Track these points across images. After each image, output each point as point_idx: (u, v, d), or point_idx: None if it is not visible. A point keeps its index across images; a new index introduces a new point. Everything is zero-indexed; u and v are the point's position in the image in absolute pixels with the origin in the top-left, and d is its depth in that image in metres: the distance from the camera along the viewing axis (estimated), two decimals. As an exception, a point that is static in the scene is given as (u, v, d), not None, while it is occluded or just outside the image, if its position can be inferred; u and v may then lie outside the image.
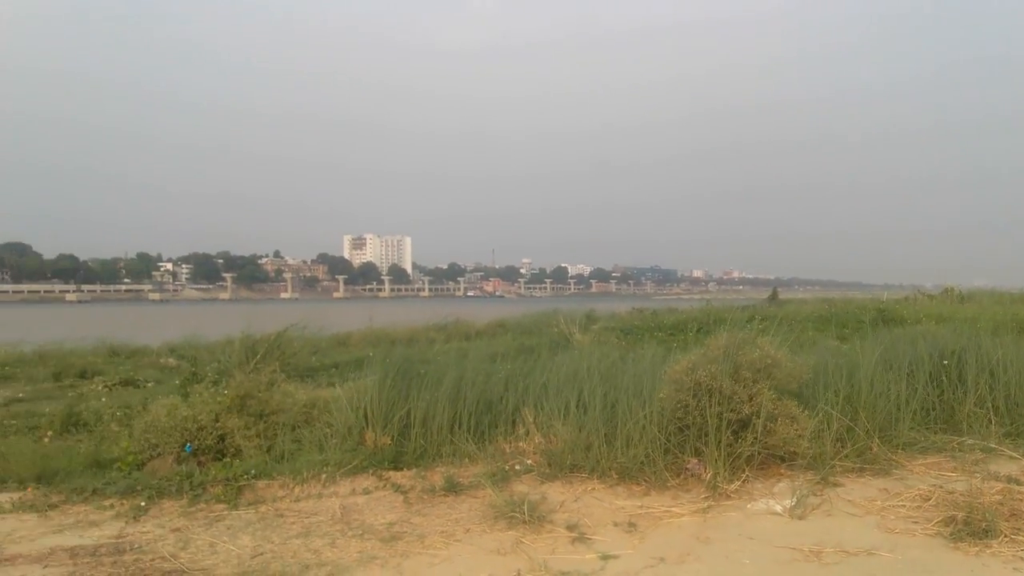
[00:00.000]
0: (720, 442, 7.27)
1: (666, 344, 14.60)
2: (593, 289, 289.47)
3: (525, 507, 6.31)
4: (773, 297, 40.10)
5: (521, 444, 8.34)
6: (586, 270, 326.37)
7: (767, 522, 6.31)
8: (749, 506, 6.66)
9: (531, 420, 8.52)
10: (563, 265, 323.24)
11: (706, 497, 6.81)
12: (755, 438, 7.37)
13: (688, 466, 7.36)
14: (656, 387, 7.95)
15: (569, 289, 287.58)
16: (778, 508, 6.60)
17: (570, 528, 6.13)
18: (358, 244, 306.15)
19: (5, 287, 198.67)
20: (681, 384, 7.73)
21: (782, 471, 7.50)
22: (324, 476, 7.34)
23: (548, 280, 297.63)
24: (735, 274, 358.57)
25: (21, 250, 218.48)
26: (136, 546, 5.69)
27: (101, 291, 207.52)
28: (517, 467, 7.67)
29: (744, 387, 7.57)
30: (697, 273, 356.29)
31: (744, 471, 7.23)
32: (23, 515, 6.57)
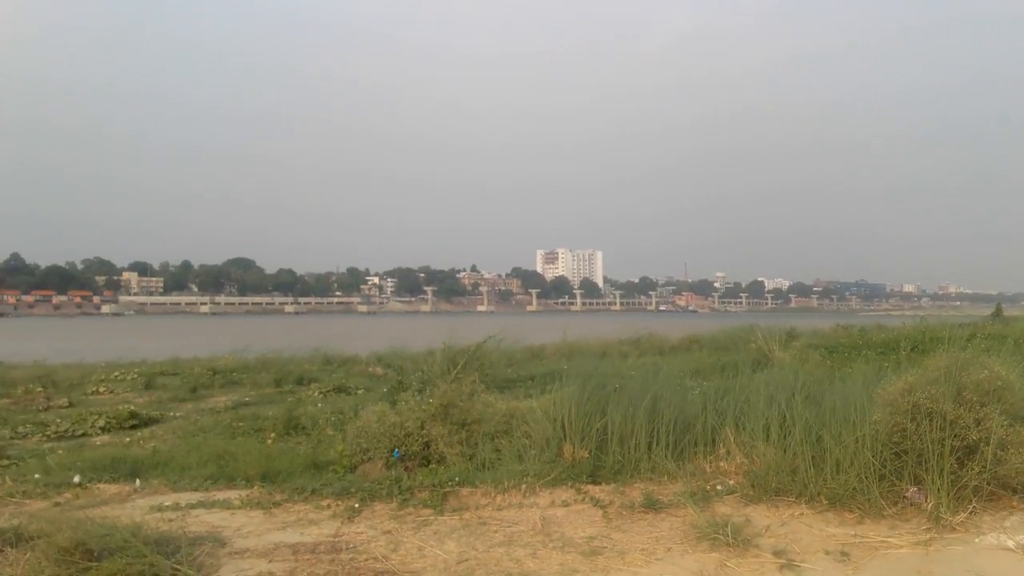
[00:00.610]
0: (943, 470, 6.74)
1: (876, 363, 13.76)
2: (792, 304, 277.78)
3: (728, 529, 6.12)
4: (997, 313, 36.76)
5: (722, 464, 8.12)
6: (784, 284, 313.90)
7: (998, 559, 5.78)
8: (977, 540, 6.13)
9: (732, 440, 8.28)
10: (759, 279, 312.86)
11: (927, 528, 6.33)
12: (983, 467, 6.78)
13: (907, 494, 6.87)
14: (868, 409, 7.49)
15: (766, 304, 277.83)
16: (1010, 544, 6.04)
17: (777, 554, 5.89)
18: (550, 258, 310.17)
19: (232, 299, 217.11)
20: (897, 407, 7.24)
21: (1014, 503, 6.86)
22: (524, 486, 7.45)
23: (743, 295, 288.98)
24: (951, 289, 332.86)
25: (246, 265, 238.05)
26: (351, 546, 6.01)
27: (316, 303, 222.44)
28: (719, 487, 7.46)
29: (970, 411, 6.99)
30: (908, 288, 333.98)
31: (971, 502, 6.67)
32: (250, 511, 7.12)
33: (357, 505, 7.08)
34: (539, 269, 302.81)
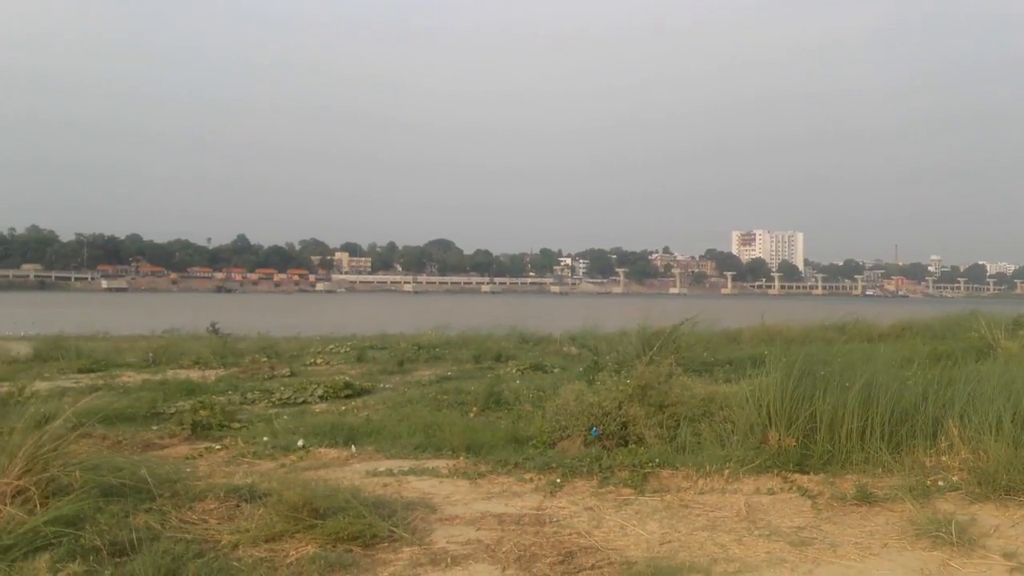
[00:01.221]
0: None
1: None
2: (1018, 290, 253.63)
3: (952, 527, 5.71)
4: None
5: (943, 459, 7.58)
6: (1009, 268, 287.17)
7: None
8: None
9: (956, 433, 7.71)
10: (980, 263, 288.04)
11: None
12: None
13: None
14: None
15: (987, 289, 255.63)
16: None
17: (1007, 556, 5.44)
18: (747, 240, 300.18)
19: (432, 278, 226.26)
20: None
21: None
22: (727, 472, 7.30)
23: (961, 279, 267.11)
24: None
25: (446, 246, 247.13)
26: (554, 519, 6.14)
27: (510, 283, 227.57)
28: (940, 483, 6.98)
29: None
30: None
31: None
32: (457, 481, 7.41)
33: (559, 480, 7.20)
34: (734, 251, 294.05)
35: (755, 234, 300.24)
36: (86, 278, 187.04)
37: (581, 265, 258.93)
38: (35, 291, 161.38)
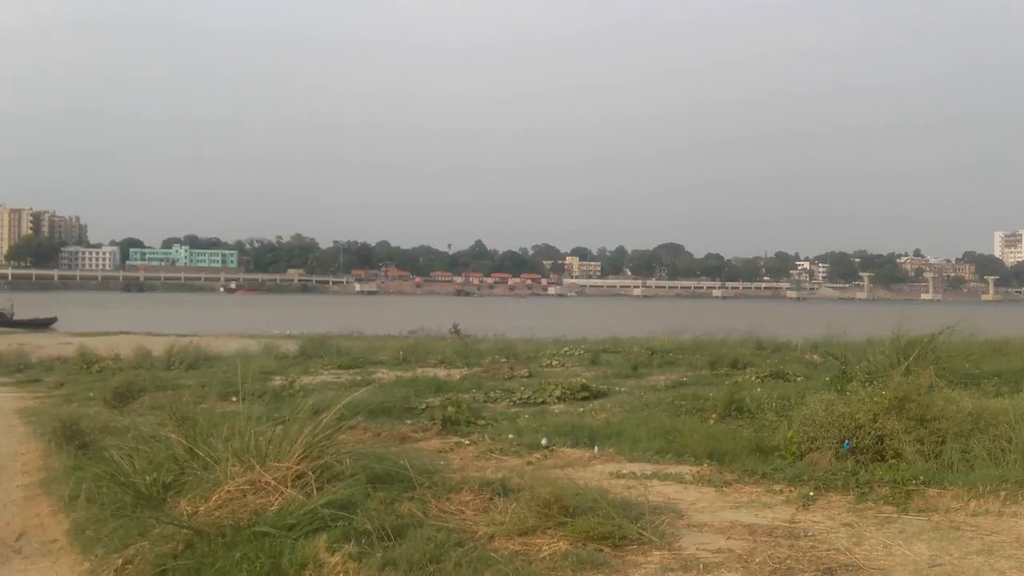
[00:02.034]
0: None
1: None
2: None
3: None
4: None
5: None
6: None
7: None
8: None
9: None
10: None
11: None
12: None
13: None
14: None
15: None
16: None
17: None
18: (1011, 241, 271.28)
19: (662, 282, 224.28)
20: None
21: None
22: (1003, 494, 6.65)
23: None
24: None
25: (675, 250, 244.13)
26: (809, 533, 5.88)
27: (743, 288, 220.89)
28: None
29: None
30: None
31: None
32: (702, 488, 7.30)
33: (811, 493, 6.89)
34: (997, 253, 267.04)
35: (1021, 235, 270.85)
36: (342, 281, 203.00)
37: (820, 269, 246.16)
38: (298, 293, 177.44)
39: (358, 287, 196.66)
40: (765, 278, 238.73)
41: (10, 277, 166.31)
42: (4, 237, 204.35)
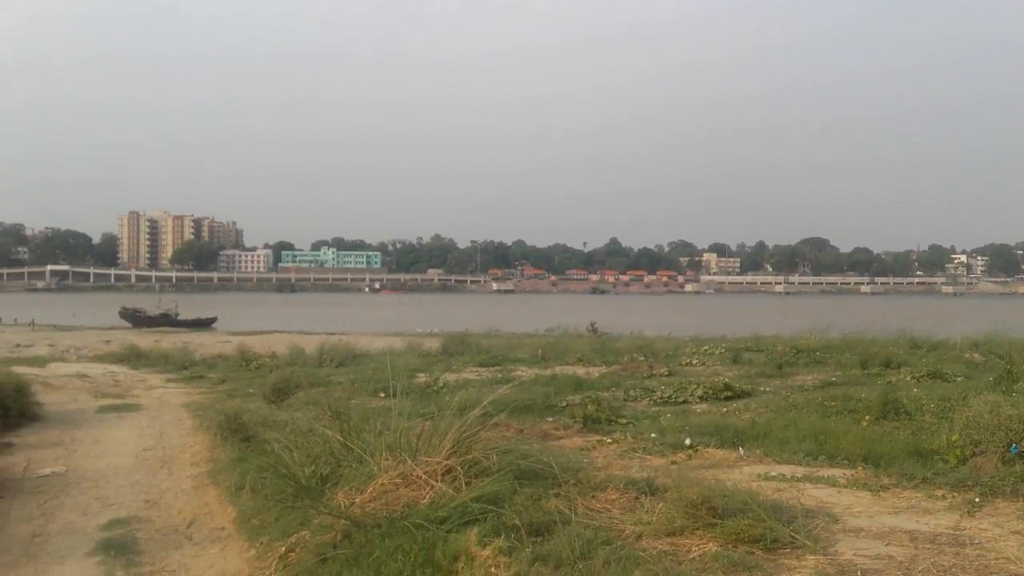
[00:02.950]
0: None
1: None
2: None
3: None
4: None
5: None
6: None
7: None
8: None
9: None
10: None
11: None
12: None
13: None
14: None
15: None
16: None
17: None
18: None
19: (805, 279, 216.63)
20: None
21: None
22: None
23: None
24: None
25: (820, 245, 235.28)
26: (975, 541, 5.56)
27: (893, 283, 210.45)
28: None
29: None
30: None
31: None
32: (856, 492, 7.02)
33: (977, 500, 6.52)
34: None
35: None
36: (479, 280, 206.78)
37: (979, 262, 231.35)
38: (438, 293, 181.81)
39: (495, 286, 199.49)
40: (918, 272, 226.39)
41: (174, 279, 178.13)
42: (169, 242, 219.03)
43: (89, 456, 11.41)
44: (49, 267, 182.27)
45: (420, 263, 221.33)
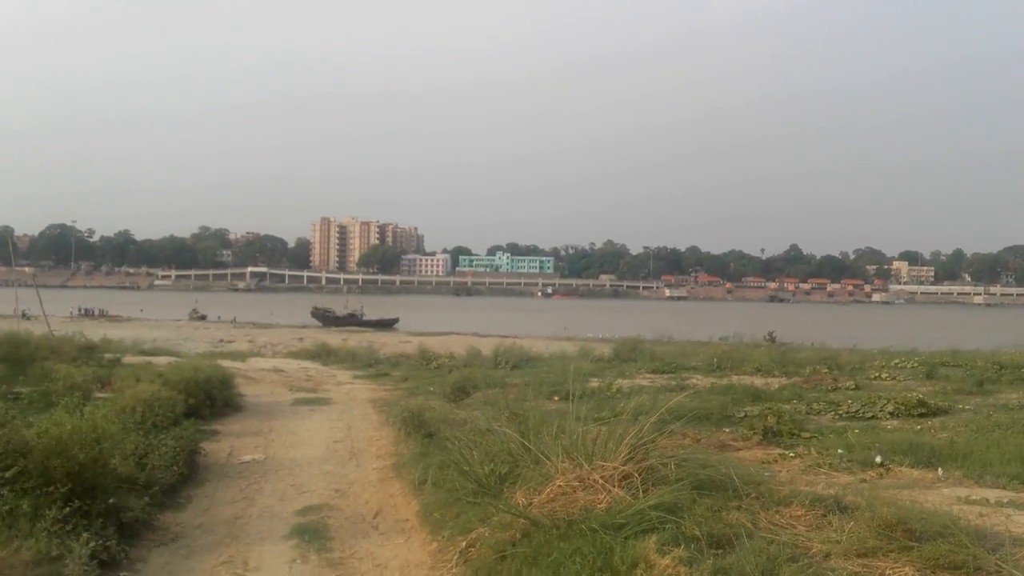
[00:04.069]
0: None
1: None
2: None
3: None
4: None
5: None
6: None
7: None
8: None
9: None
10: None
11: None
12: None
13: None
14: None
15: None
16: None
17: None
18: None
19: (1009, 289, 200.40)
20: None
21: None
22: None
23: None
24: None
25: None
26: None
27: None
28: None
29: None
30: None
31: None
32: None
33: None
34: None
35: None
36: (652, 286, 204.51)
37: None
38: (609, 298, 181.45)
39: (667, 292, 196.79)
40: None
41: (360, 282, 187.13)
42: (356, 247, 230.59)
43: (285, 445, 12.20)
44: (249, 269, 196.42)
45: (592, 268, 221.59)
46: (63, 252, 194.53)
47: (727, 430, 11.44)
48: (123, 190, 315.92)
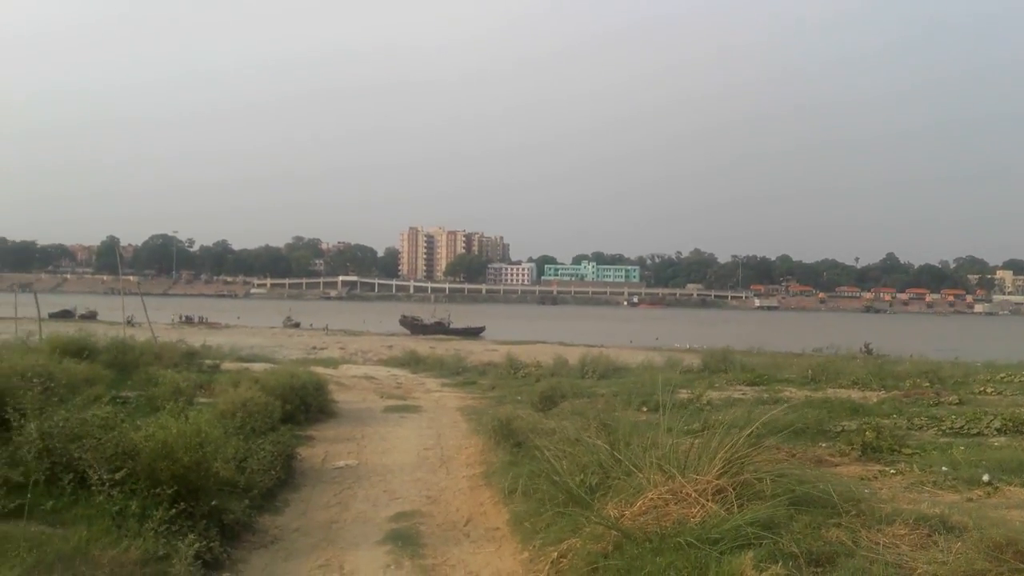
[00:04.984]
0: None
1: None
2: None
3: None
4: None
5: None
6: None
7: None
8: None
9: None
10: None
11: None
12: None
13: None
14: None
15: None
16: None
17: None
18: None
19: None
20: None
21: None
22: None
23: None
24: None
25: None
26: None
27: None
28: None
29: None
30: None
31: None
32: None
33: None
34: None
35: None
36: (740, 296, 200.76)
37: None
38: (696, 308, 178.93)
39: (757, 302, 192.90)
40: None
41: (447, 290, 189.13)
42: (443, 256, 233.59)
43: (377, 452, 12.42)
44: (340, 278, 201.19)
45: (679, 278, 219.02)
46: (165, 261, 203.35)
47: (823, 445, 11.13)
48: (221, 206, 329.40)
